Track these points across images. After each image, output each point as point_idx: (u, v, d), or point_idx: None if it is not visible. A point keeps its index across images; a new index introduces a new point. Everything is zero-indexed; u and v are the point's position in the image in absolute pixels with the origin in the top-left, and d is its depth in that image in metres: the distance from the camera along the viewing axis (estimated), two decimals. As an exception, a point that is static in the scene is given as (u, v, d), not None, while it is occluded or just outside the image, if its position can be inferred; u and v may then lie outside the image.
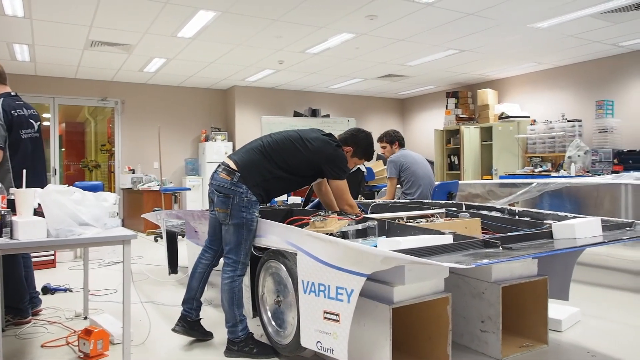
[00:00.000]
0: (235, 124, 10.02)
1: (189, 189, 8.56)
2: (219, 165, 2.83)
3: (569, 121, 8.03)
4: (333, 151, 2.86)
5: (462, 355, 2.67)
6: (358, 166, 5.75)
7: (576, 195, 7.58)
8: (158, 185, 8.32)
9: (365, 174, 7.12)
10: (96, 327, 2.80)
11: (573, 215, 2.94)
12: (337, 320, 2.18)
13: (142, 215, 5.42)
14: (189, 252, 3.99)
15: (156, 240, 7.01)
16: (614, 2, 5.37)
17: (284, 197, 8.59)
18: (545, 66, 8.64)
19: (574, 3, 5.41)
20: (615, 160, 7.02)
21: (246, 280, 3.05)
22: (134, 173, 9.22)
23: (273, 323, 2.80)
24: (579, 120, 7.97)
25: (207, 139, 9.89)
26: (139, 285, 4.39)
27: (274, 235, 2.66)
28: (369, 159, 3.11)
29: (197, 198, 9.50)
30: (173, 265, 4.62)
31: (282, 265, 2.67)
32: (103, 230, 2.46)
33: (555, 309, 3.11)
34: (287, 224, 2.80)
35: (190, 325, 2.94)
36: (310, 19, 5.85)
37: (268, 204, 3.78)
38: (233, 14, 5.60)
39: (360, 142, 3.04)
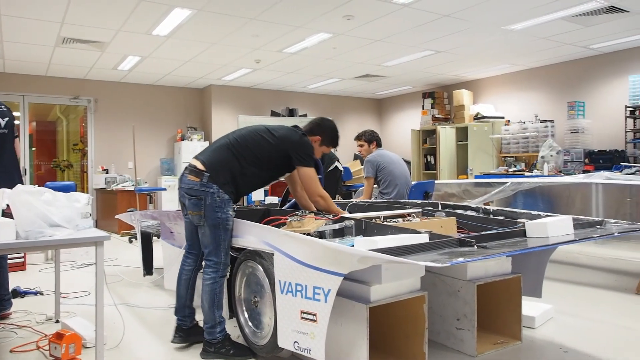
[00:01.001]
0: (211, 124, 9.92)
1: (165, 189, 8.45)
2: (186, 168, 2.79)
3: (542, 122, 8.20)
4: (299, 138, 2.87)
5: (438, 352, 2.69)
6: (336, 165, 5.78)
7: (549, 195, 7.74)
8: (132, 185, 8.19)
9: (342, 173, 7.15)
10: (68, 331, 2.73)
11: (546, 214, 3.00)
12: (315, 320, 2.18)
13: (116, 216, 5.33)
14: (164, 253, 3.93)
15: (131, 242, 6.89)
16: (584, 6, 5.50)
17: (261, 197, 8.56)
18: (519, 67, 8.80)
19: (547, 6, 5.52)
20: (586, 160, 7.19)
21: (223, 280, 3.02)
22: (107, 173, 9.05)
23: (250, 324, 2.78)
24: (552, 121, 8.14)
25: (183, 139, 9.78)
26: (113, 287, 4.31)
27: (250, 235, 2.64)
28: (336, 145, 3.13)
29: (173, 198, 9.36)
30: (148, 266, 4.55)
31: (259, 266, 2.65)
32: (75, 231, 2.40)
33: (529, 306, 3.17)
34: (264, 224, 2.78)
35: (187, 333, 2.91)
36: (287, 18, 5.84)
37: (245, 204, 3.74)
38: (209, 12, 5.54)
39: (326, 129, 3.05)
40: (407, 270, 2.41)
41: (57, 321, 3.33)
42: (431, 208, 3.38)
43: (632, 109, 7.17)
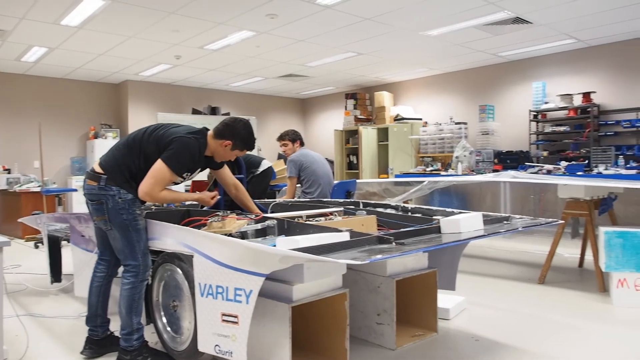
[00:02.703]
0: (128, 121, 9.46)
1: (75, 190, 7.94)
2: (86, 172, 2.65)
3: (456, 124, 8.64)
4: (182, 136, 2.57)
5: (359, 348, 2.75)
6: (269, 166, 5.72)
7: (463, 192, 8.19)
8: (39, 186, 7.61)
9: (272, 173, 7.09)
10: (-39, 346, 2.48)
11: (459, 211, 3.16)
12: (236, 322, 2.14)
13: (20, 220, 4.92)
14: (74, 258, 3.69)
15: (37, 247, 6.42)
16: (493, 16, 5.87)
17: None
18: (436, 72, 9.22)
19: (460, 14, 5.82)
20: (496, 160, 7.66)
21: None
22: (9, 173, 8.34)
23: (168, 329, 2.68)
24: (465, 123, 8.61)
25: (96, 136, 9.24)
26: (15, 296, 3.97)
27: (168, 237, 2.55)
28: (251, 148, 2.85)
29: (85, 200, 8.84)
30: (56, 273, 4.25)
31: (177, 269, 2.56)
32: (-32, 236, 2.18)
33: (444, 299, 3.32)
34: (184, 225, 2.69)
35: (99, 344, 2.74)
36: (209, 14, 5.70)
37: (165, 205, 3.60)
38: (125, 3, 5.27)
39: (239, 132, 2.71)
40: (328, 268, 2.43)
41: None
42: (353, 207, 3.45)
43: (535, 113, 7.76)
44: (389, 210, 3.41)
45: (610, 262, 3.52)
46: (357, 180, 5.41)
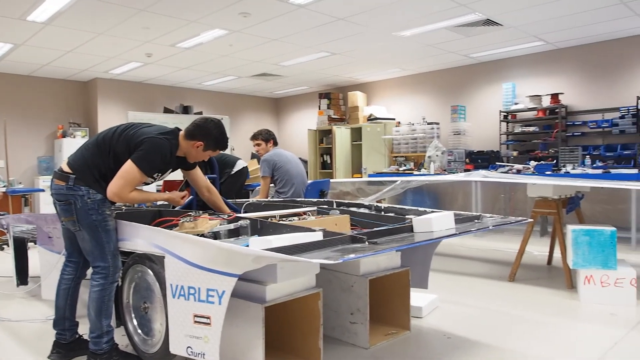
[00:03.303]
0: (97, 120, 9.25)
1: (43, 190, 7.72)
2: (54, 171, 2.59)
3: (428, 124, 8.74)
4: (153, 136, 2.52)
5: (333, 347, 2.75)
6: (244, 166, 5.68)
7: (435, 192, 8.30)
8: (4, 186, 7.38)
9: (247, 173, 7.04)
10: None
11: (431, 210, 3.19)
12: (208, 323, 2.12)
13: (-16, 221, 4.76)
14: (41, 260, 3.59)
15: (2, 249, 6.22)
16: (465, 17, 5.96)
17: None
18: (409, 72, 9.31)
19: (432, 16, 5.89)
20: (467, 160, 7.79)
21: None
22: (-27, 173, 8.06)
23: (139, 331, 2.63)
24: (437, 123, 8.72)
25: (64, 135, 9.00)
26: (-21, 300, 3.85)
27: (139, 238, 2.50)
28: (224, 148, 2.80)
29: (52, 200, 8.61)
30: (22, 275, 4.12)
31: (148, 270, 2.52)
32: None
33: (416, 297, 3.35)
34: (155, 225, 2.65)
35: (67, 348, 2.67)
36: (180, 12, 5.61)
37: (135, 205, 3.54)
38: (93, -1, 5.16)
39: (211, 133, 2.67)
40: (302, 268, 2.43)
41: None
42: (326, 206, 3.45)
43: (505, 114, 7.91)
44: (362, 210, 3.43)
45: (578, 259, 3.62)
46: (331, 180, 5.42)
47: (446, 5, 5.52)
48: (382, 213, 3.32)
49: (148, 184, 2.68)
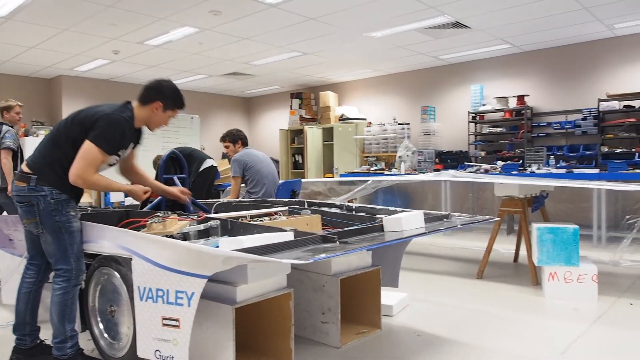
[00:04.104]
0: (62, 118, 8.98)
1: (5, 191, 7.44)
2: (14, 173, 2.50)
3: (399, 124, 8.83)
4: (108, 113, 2.48)
5: (304, 347, 2.75)
6: (212, 164, 5.61)
7: (405, 191, 8.39)
8: (-37, 186, 7.09)
9: (217, 171, 6.96)
10: None
11: (402, 209, 3.23)
12: (177, 326, 2.09)
13: (-60, 223, 4.56)
14: (1, 264, 3.47)
15: (-39, 252, 5.95)
16: (434, 20, 6.05)
17: (120, 198, 7.99)
18: (380, 73, 9.38)
19: (402, 17, 5.95)
20: (437, 160, 7.90)
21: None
22: None
23: (106, 335, 2.57)
24: (408, 124, 8.81)
25: (26, 134, 8.69)
26: None
27: (105, 240, 2.44)
28: (182, 106, 2.76)
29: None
30: (-18, 279, 3.97)
31: (115, 272, 2.46)
32: None
33: (387, 296, 3.38)
34: (122, 227, 2.59)
35: (27, 354, 2.57)
36: (149, 9, 5.51)
37: (102, 206, 3.45)
38: (58, -6, 5.02)
39: (165, 90, 2.65)
40: (273, 268, 2.41)
41: None
42: (297, 206, 3.45)
43: (473, 115, 8.06)
44: (333, 210, 3.44)
45: (542, 256, 3.71)
46: (302, 180, 5.41)
47: (416, 7, 5.59)
48: (353, 213, 3.33)
49: (112, 164, 2.61)
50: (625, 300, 3.61)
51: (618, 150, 6.55)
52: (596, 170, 6.25)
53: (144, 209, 3.14)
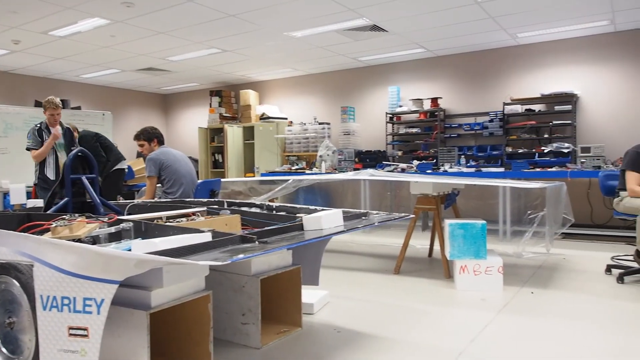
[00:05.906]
0: (-46, 113, 8.16)
1: None
2: None
3: (320, 124, 8.93)
4: None
5: (224, 349, 2.69)
6: (124, 164, 5.35)
7: (326, 190, 8.51)
8: None
9: (126, 172, 6.64)
10: None
11: (322, 208, 3.26)
12: (86, 335, 1.96)
13: None
14: None
15: None
16: (353, 22, 6.17)
17: (22, 200, 7.38)
18: (300, 72, 9.43)
19: (322, 18, 6.02)
20: (356, 159, 8.10)
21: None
22: None
23: (4, 349, 2.36)
24: (328, 123, 8.94)
25: None
26: None
27: (3, 246, 2.24)
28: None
29: None
30: None
31: (14, 281, 2.26)
32: None
33: (308, 294, 3.40)
34: (22, 231, 2.40)
35: None
36: (54, -3, 5.15)
37: (2, 208, 3.17)
38: (-55, -25, 4.54)
39: None
40: (190, 270, 2.34)
41: None
42: (217, 206, 3.37)
43: (390, 116, 8.34)
44: (253, 209, 3.40)
45: (454, 251, 3.92)
46: (222, 180, 5.31)
47: (335, 9, 5.68)
48: (274, 212, 3.32)
49: None
50: (527, 289, 3.90)
51: (521, 151, 7.07)
52: (502, 169, 6.71)
53: (48, 212, 2.93)
